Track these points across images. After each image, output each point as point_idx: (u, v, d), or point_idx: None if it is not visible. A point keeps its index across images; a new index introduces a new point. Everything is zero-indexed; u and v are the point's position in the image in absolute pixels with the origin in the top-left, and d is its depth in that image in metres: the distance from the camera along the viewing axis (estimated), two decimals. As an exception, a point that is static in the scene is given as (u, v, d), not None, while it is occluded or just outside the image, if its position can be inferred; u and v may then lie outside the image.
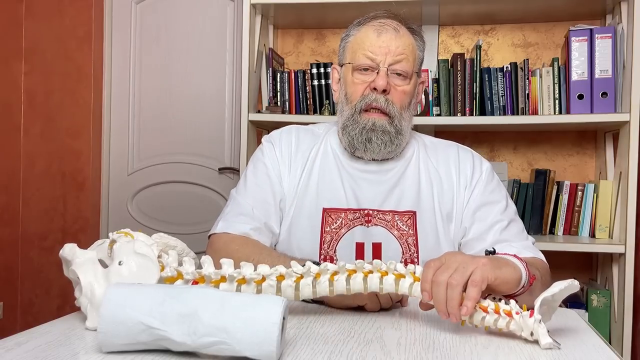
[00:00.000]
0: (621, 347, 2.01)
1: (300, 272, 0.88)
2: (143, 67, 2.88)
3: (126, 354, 0.73)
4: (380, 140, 1.20)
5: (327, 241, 1.22)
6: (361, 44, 1.21)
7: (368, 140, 1.20)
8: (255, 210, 1.22)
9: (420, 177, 1.26)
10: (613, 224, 2.13)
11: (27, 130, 2.91)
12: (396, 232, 1.21)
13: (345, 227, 1.22)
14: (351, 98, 1.22)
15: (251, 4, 2.27)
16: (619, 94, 2.09)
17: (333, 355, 0.76)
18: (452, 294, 0.85)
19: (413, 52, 1.22)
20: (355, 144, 1.22)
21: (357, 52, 1.21)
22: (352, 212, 1.23)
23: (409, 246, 1.21)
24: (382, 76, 1.18)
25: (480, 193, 1.24)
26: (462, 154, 1.29)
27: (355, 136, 1.21)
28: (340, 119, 1.25)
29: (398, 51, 1.19)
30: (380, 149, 1.21)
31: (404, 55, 1.19)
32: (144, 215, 2.91)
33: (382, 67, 1.18)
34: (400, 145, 1.23)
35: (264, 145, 1.32)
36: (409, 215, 1.22)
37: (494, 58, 2.48)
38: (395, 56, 1.19)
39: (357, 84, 1.21)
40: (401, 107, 1.21)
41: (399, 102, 1.20)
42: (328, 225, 1.23)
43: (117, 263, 0.84)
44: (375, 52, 1.19)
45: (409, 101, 1.23)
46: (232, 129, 2.79)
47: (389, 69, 1.19)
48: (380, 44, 1.19)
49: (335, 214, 1.23)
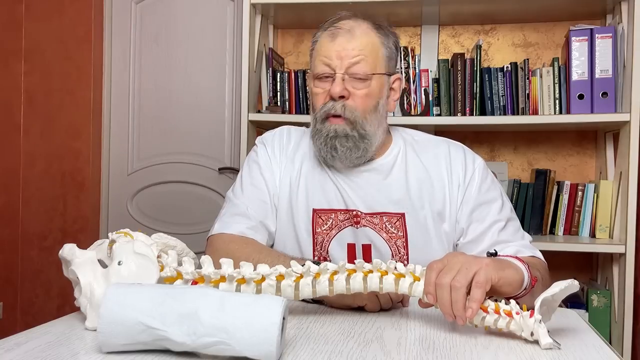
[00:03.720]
0: (621, 347, 2.01)
1: (299, 272, 0.88)
2: (143, 67, 2.88)
3: (126, 354, 0.73)
4: (344, 147, 1.17)
5: (319, 242, 1.22)
6: (318, 51, 1.19)
7: (333, 149, 1.18)
8: (250, 210, 1.22)
9: (408, 178, 1.23)
10: (613, 224, 2.13)
11: (27, 130, 2.91)
12: (385, 235, 1.20)
13: (335, 228, 1.22)
14: (314, 107, 1.21)
15: (251, 3, 2.27)
16: (619, 94, 2.09)
17: (333, 355, 0.76)
18: (456, 297, 0.84)
19: (374, 51, 1.17)
20: (322, 153, 1.21)
21: (316, 60, 1.19)
22: (342, 213, 1.22)
23: (398, 248, 1.20)
24: (337, 83, 1.15)
25: (476, 192, 1.22)
26: (453, 151, 1.26)
27: (321, 146, 1.19)
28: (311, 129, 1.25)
29: (353, 53, 1.15)
30: (347, 156, 1.19)
31: (361, 56, 1.15)
32: (144, 215, 2.91)
33: (338, 72, 1.15)
34: (368, 150, 1.20)
35: (257, 146, 1.33)
36: (397, 217, 1.21)
37: (494, 58, 2.47)
38: (351, 59, 1.15)
39: (318, 94, 1.19)
40: (364, 111, 1.17)
41: (360, 106, 1.17)
42: (319, 226, 1.22)
43: (116, 263, 0.84)
44: (330, 56, 1.16)
45: (374, 103, 1.19)
46: (232, 129, 2.79)
47: (346, 73, 1.15)
48: (335, 47, 1.16)
49: (325, 215, 1.23)
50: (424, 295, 0.88)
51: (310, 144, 1.28)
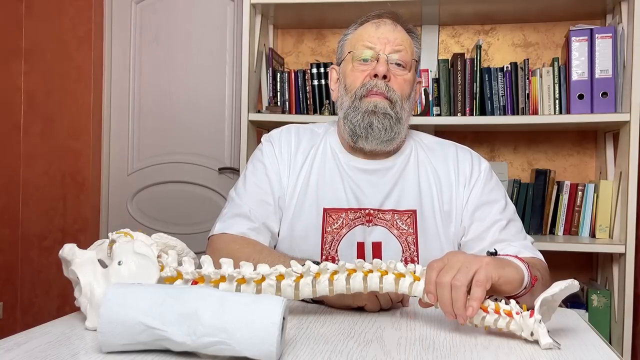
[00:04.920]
0: (621, 347, 2.01)
1: (299, 272, 0.88)
2: (143, 67, 2.88)
3: (126, 354, 0.73)
4: (381, 124, 1.19)
5: (328, 241, 1.22)
6: (360, 37, 1.23)
7: (369, 125, 1.19)
8: (252, 211, 1.21)
9: (420, 176, 1.25)
10: (613, 224, 2.13)
11: (27, 130, 2.91)
12: (396, 231, 1.21)
13: (346, 227, 1.22)
14: (351, 87, 1.22)
15: (251, 4, 2.27)
16: (619, 94, 2.09)
17: (333, 355, 0.76)
18: (457, 295, 0.84)
19: (410, 46, 1.24)
20: (357, 130, 1.20)
21: (357, 44, 1.23)
22: (353, 212, 1.22)
23: (408, 245, 1.21)
24: (382, 62, 1.19)
25: (479, 193, 1.24)
26: (460, 153, 1.29)
27: (357, 122, 1.20)
28: (341, 111, 1.25)
29: (397, 42, 1.21)
30: (382, 134, 1.20)
31: (402, 47, 1.21)
32: (144, 215, 2.91)
33: (382, 54, 1.20)
34: (399, 135, 1.22)
35: (263, 144, 1.31)
36: (408, 214, 1.22)
37: (494, 58, 2.47)
38: (395, 46, 1.20)
39: (357, 73, 1.22)
40: (402, 95, 1.21)
41: (399, 89, 1.21)
42: (329, 225, 1.22)
43: (116, 263, 0.84)
44: (375, 42, 1.21)
45: (409, 91, 1.23)
46: (232, 129, 2.79)
47: (389, 58, 1.20)
48: (379, 35, 1.21)
49: (336, 214, 1.23)
50: (424, 294, 0.88)
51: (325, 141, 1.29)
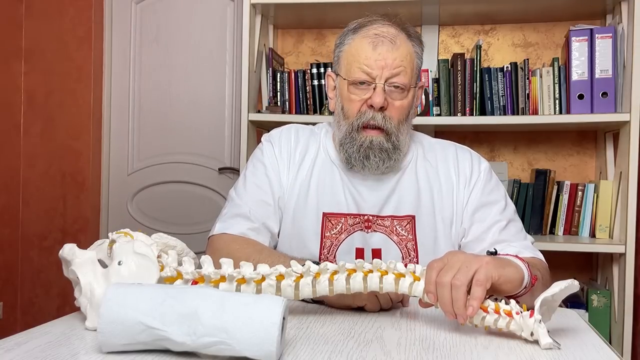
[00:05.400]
0: (621, 347, 2.01)
1: (299, 272, 0.88)
2: (143, 67, 2.88)
3: (126, 354, 0.73)
4: (377, 158, 1.17)
5: (327, 246, 1.22)
6: (356, 56, 1.16)
7: (366, 158, 1.17)
8: (252, 212, 1.21)
9: (419, 181, 1.24)
10: (613, 224, 2.13)
11: (27, 130, 2.91)
12: (395, 238, 1.21)
13: (345, 233, 1.21)
14: (348, 114, 1.19)
15: (251, 4, 2.27)
16: (619, 94, 2.09)
17: (333, 355, 0.76)
18: (457, 295, 0.84)
19: (411, 62, 1.17)
20: (352, 161, 1.19)
21: (352, 66, 1.16)
22: (352, 217, 1.22)
23: (408, 251, 1.21)
24: (378, 93, 1.13)
25: (479, 194, 1.23)
26: (460, 153, 1.28)
27: (353, 154, 1.18)
28: (338, 133, 1.22)
29: (395, 64, 1.14)
30: (379, 166, 1.18)
31: (402, 68, 1.14)
32: (144, 215, 2.91)
33: (379, 82, 1.14)
34: (399, 160, 1.21)
35: (263, 144, 1.30)
36: (407, 220, 1.21)
37: (494, 58, 2.47)
38: (393, 69, 1.14)
39: (354, 101, 1.17)
40: (399, 122, 1.18)
41: (396, 117, 1.17)
42: (328, 230, 1.22)
43: (116, 263, 0.84)
44: (371, 65, 1.14)
45: (407, 114, 1.20)
46: (232, 129, 2.79)
47: (387, 83, 1.14)
48: (377, 57, 1.14)
49: (335, 219, 1.22)
50: (424, 294, 0.88)
51: (323, 145, 1.27)
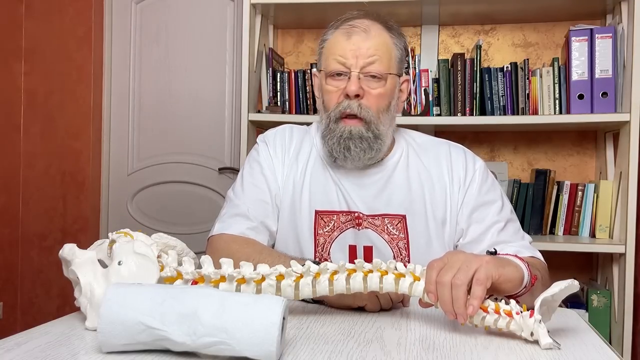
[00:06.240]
0: (621, 347, 2.01)
1: (299, 272, 0.88)
2: (143, 67, 2.88)
3: (126, 354, 0.73)
4: (358, 148, 1.16)
5: (320, 243, 1.22)
6: (332, 49, 1.18)
7: (347, 149, 1.17)
8: (251, 211, 1.21)
9: (410, 180, 1.23)
10: (613, 224, 2.13)
11: (27, 130, 2.91)
12: (386, 236, 1.20)
13: (337, 230, 1.21)
14: (327, 106, 1.19)
15: (251, 4, 2.27)
16: (619, 94, 2.09)
17: (333, 355, 0.76)
18: (457, 294, 0.84)
19: (388, 51, 1.17)
20: (334, 153, 1.19)
21: (329, 58, 1.17)
22: (344, 215, 1.22)
23: (399, 250, 1.20)
24: (353, 81, 1.14)
25: (476, 193, 1.22)
26: (453, 152, 1.27)
27: (334, 145, 1.18)
28: (320, 128, 1.23)
29: (369, 52, 1.14)
30: (360, 157, 1.18)
31: (376, 57, 1.15)
32: (144, 215, 2.91)
33: (354, 71, 1.14)
34: (381, 150, 1.20)
35: (258, 144, 1.32)
36: (399, 219, 1.21)
37: (494, 58, 2.47)
38: (367, 58, 1.14)
39: (331, 92, 1.17)
40: (378, 111, 1.17)
41: (374, 105, 1.16)
42: (321, 227, 1.22)
43: (116, 263, 0.84)
44: (346, 55, 1.15)
45: (387, 103, 1.19)
46: (232, 129, 2.79)
47: (362, 72, 1.15)
48: (350, 46, 1.15)
49: (327, 217, 1.22)
50: (424, 294, 0.88)
51: (315, 143, 1.28)
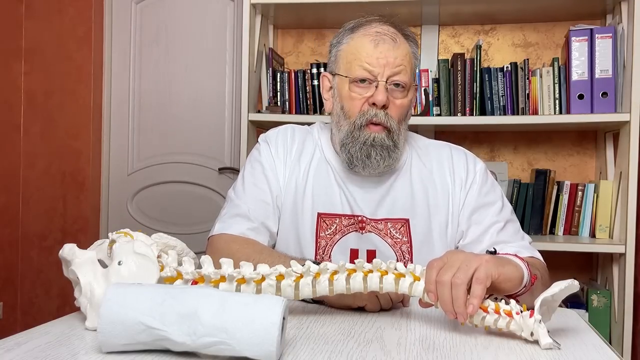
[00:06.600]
0: (621, 347, 2.01)
1: (299, 272, 0.88)
2: (143, 67, 2.88)
3: (126, 354, 0.73)
4: (379, 156, 1.16)
5: (322, 246, 1.21)
6: (356, 54, 1.16)
7: (367, 156, 1.16)
8: (251, 211, 1.21)
9: (413, 184, 1.23)
10: (613, 224, 2.13)
11: (27, 130, 2.91)
12: (390, 240, 1.20)
13: (339, 233, 1.21)
14: (349, 113, 1.18)
15: (251, 4, 2.27)
16: (619, 94, 2.09)
17: (333, 355, 0.76)
18: (457, 294, 0.84)
19: (410, 62, 1.18)
20: (354, 161, 1.18)
21: (353, 64, 1.16)
22: (347, 218, 1.21)
23: (403, 254, 1.20)
24: (381, 91, 1.13)
25: (476, 195, 1.22)
26: (455, 155, 1.27)
27: (355, 153, 1.17)
28: (338, 134, 1.21)
29: (397, 62, 1.14)
30: (379, 164, 1.17)
31: (402, 67, 1.15)
32: (144, 215, 2.91)
33: (381, 80, 1.13)
34: (397, 159, 1.20)
35: (260, 144, 1.31)
36: (402, 223, 1.21)
37: (494, 58, 2.47)
38: (394, 68, 1.14)
39: (355, 99, 1.16)
40: (399, 121, 1.18)
41: (397, 115, 1.17)
42: (323, 230, 1.21)
43: (116, 263, 0.84)
44: (373, 63, 1.14)
45: (406, 113, 1.20)
46: (232, 129, 2.79)
47: (388, 82, 1.14)
48: (378, 55, 1.14)
49: (329, 220, 1.22)
50: (424, 294, 0.88)
51: (319, 145, 1.27)
